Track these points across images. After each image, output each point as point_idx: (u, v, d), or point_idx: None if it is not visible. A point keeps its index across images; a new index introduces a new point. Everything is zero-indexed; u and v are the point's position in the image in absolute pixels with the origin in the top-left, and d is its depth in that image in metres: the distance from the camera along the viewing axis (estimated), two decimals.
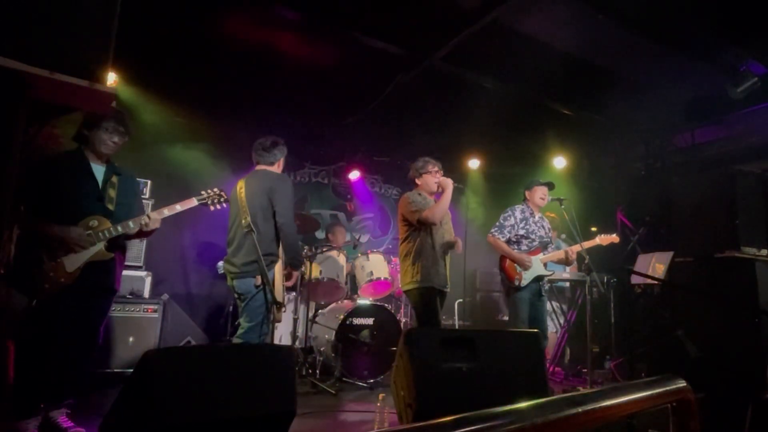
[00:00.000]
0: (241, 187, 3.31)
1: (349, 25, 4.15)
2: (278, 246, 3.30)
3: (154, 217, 2.76)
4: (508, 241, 4.16)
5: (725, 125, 5.47)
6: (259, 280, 3.11)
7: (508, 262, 4.11)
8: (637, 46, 4.27)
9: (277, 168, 3.49)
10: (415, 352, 2.14)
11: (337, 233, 5.67)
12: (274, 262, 3.23)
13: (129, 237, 2.84)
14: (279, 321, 3.22)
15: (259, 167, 3.44)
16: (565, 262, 4.25)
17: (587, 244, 4.22)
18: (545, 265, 4.12)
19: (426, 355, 2.15)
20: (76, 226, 2.54)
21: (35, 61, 1.24)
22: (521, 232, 4.17)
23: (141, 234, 2.83)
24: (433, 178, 3.76)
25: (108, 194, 2.72)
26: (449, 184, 3.64)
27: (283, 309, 3.23)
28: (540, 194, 4.26)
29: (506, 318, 4.63)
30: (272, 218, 3.25)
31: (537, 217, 4.28)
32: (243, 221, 3.13)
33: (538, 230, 4.24)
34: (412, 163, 3.91)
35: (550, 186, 4.30)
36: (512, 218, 4.21)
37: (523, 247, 4.16)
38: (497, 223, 4.23)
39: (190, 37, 4.31)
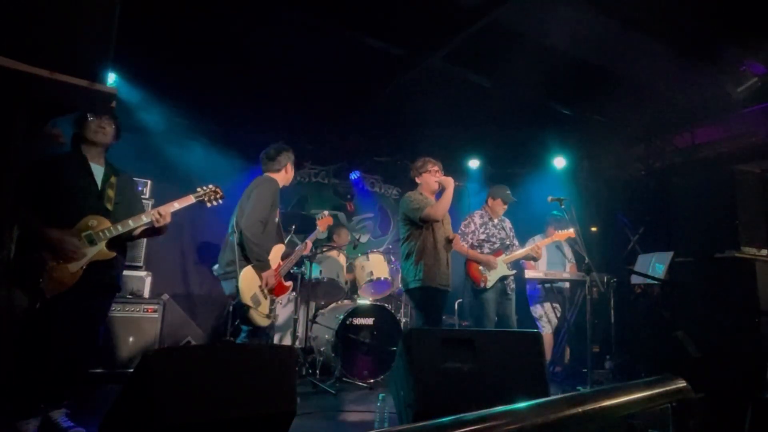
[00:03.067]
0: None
1: (349, 25, 4.15)
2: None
3: (166, 211, 2.75)
4: (471, 246, 4.33)
5: (725, 125, 5.46)
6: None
7: (473, 266, 4.27)
8: (637, 46, 4.26)
9: (284, 174, 3.61)
10: (415, 352, 2.14)
11: (341, 233, 5.68)
12: (243, 262, 3.30)
13: (133, 237, 2.83)
14: (260, 324, 3.24)
15: (264, 175, 3.54)
16: (532, 258, 4.47)
17: (548, 241, 4.66)
18: (507, 264, 4.31)
19: (426, 355, 2.15)
20: (75, 227, 2.54)
21: (35, 61, 1.23)
22: (482, 236, 4.37)
23: (148, 233, 2.82)
24: (432, 177, 3.78)
25: (107, 194, 2.72)
26: (450, 182, 3.65)
27: (262, 311, 3.24)
28: (501, 206, 4.48)
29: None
30: None
31: (496, 221, 4.48)
32: (231, 223, 3.22)
33: (498, 233, 4.43)
34: (413, 163, 3.94)
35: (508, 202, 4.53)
36: (472, 224, 4.41)
37: (486, 250, 4.33)
38: (459, 231, 4.43)
39: (191, 37, 4.30)
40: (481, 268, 4.23)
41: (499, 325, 4.19)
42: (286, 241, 3.86)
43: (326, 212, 4.40)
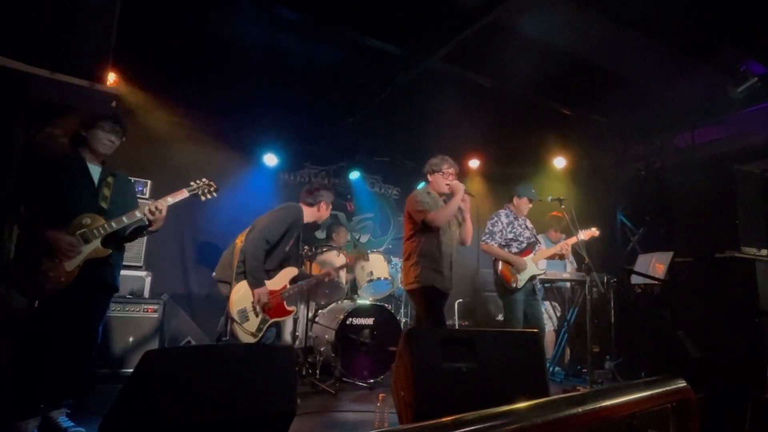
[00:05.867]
0: None
1: (349, 25, 4.15)
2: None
3: (162, 205, 2.73)
4: (499, 246, 4.33)
5: (725, 125, 5.46)
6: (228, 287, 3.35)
7: (502, 265, 4.26)
8: (637, 46, 4.27)
9: (315, 210, 3.77)
10: (415, 352, 2.14)
11: (339, 233, 5.68)
12: (241, 274, 3.43)
13: (128, 238, 2.82)
14: (242, 341, 3.29)
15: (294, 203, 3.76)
16: (560, 257, 4.49)
17: (574, 240, 4.39)
18: (537, 264, 4.30)
19: (426, 355, 2.15)
20: (69, 226, 2.53)
21: (35, 61, 1.24)
22: (509, 235, 4.36)
23: (144, 231, 2.81)
24: (444, 179, 3.63)
25: (103, 192, 2.71)
26: (460, 189, 3.51)
27: (248, 328, 3.29)
28: (526, 205, 4.47)
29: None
30: None
31: (521, 220, 4.48)
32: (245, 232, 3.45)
33: (523, 231, 4.43)
34: (431, 159, 3.75)
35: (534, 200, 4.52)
36: (499, 223, 4.39)
37: (513, 250, 4.33)
38: (487, 231, 4.41)
39: (190, 37, 4.30)
40: (511, 267, 4.23)
41: (529, 327, 4.11)
42: None
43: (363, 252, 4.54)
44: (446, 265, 3.51)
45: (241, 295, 3.34)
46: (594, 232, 4.50)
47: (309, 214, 3.76)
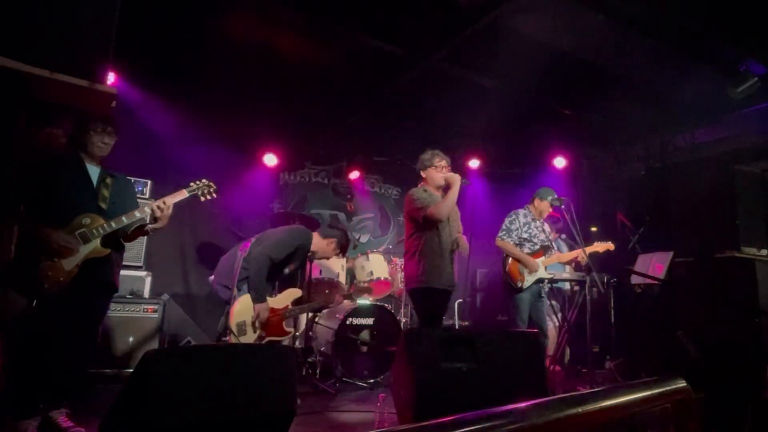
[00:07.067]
0: None
1: (349, 25, 4.15)
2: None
3: (168, 202, 2.73)
4: (513, 244, 4.34)
5: (725, 125, 5.46)
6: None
7: (511, 263, 4.27)
8: (637, 46, 4.27)
9: (325, 243, 4.00)
10: (415, 352, 2.14)
11: None
12: (243, 281, 3.56)
13: (129, 237, 2.81)
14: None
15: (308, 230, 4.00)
16: (576, 264, 4.50)
17: (589, 249, 4.31)
18: (545, 267, 4.30)
19: (426, 355, 2.15)
20: (69, 225, 2.53)
21: (35, 61, 1.23)
22: (524, 235, 4.36)
23: (145, 231, 2.80)
24: (438, 173, 3.57)
25: (102, 193, 2.71)
26: (456, 179, 3.44)
27: (239, 341, 3.33)
28: (547, 209, 4.47)
29: (505, 318, 4.67)
30: None
31: (538, 222, 4.48)
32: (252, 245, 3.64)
33: (539, 234, 4.43)
34: (421, 155, 3.70)
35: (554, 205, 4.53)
36: (517, 222, 4.40)
37: (526, 250, 4.32)
38: (504, 227, 4.41)
39: (191, 37, 4.30)
40: (520, 266, 4.22)
41: (531, 329, 4.09)
42: None
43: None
44: (448, 262, 3.47)
45: (242, 308, 3.36)
46: (609, 245, 4.46)
47: (316, 243, 3.92)
